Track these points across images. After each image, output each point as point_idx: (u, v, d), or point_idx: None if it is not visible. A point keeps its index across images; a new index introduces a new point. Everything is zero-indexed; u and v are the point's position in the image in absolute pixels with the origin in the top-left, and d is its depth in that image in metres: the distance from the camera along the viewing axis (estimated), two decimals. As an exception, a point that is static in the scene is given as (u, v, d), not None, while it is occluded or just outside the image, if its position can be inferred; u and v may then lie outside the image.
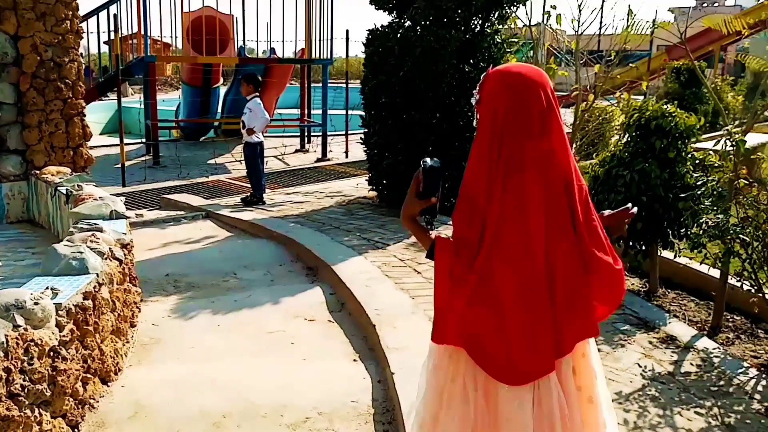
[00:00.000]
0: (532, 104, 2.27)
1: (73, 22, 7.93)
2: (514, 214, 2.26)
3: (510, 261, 2.27)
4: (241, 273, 6.83)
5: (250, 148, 9.82)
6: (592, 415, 2.53)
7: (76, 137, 8.06)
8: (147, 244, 7.82)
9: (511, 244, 2.27)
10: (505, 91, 2.28)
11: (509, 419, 2.33)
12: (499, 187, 2.26)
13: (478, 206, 2.30)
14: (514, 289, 2.28)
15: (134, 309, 5.54)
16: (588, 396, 2.52)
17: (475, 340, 2.35)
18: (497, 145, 2.28)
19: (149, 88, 13.78)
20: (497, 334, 2.31)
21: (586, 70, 13.51)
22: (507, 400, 2.34)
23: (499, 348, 2.32)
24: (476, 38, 8.61)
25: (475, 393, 2.39)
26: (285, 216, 8.77)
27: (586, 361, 2.52)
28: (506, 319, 2.29)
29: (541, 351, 2.31)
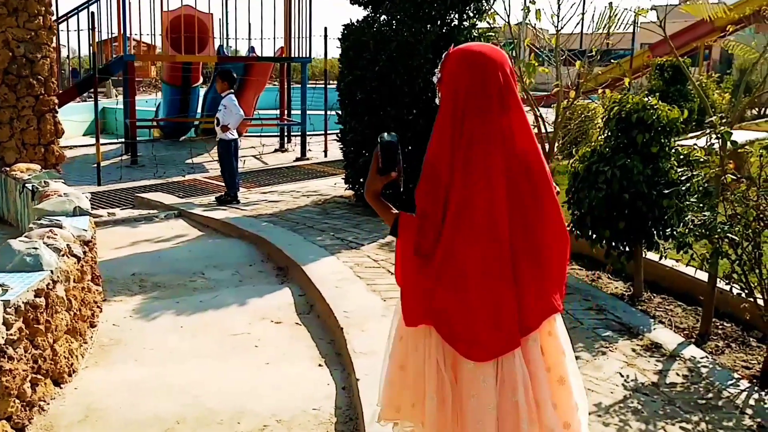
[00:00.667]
0: (492, 82, 2.27)
1: (46, 18, 7.53)
2: (476, 190, 2.25)
3: (473, 237, 2.26)
4: (210, 273, 6.46)
5: (224, 145, 9.43)
6: (564, 397, 2.47)
7: (48, 134, 7.64)
8: (116, 243, 7.44)
9: (475, 220, 2.26)
10: (465, 69, 2.29)
11: (473, 395, 2.32)
12: (461, 163, 2.26)
13: (441, 183, 2.29)
14: (478, 265, 2.27)
15: (94, 308, 5.16)
16: (559, 376, 2.46)
17: (442, 316, 2.33)
18: (459, 122, 2.28)
19: (128, 87, 13.38)
20: (462, 310, 2.30)
21: (567, 68, 13.28)
22: (472, 376, 2.32)
23: (463, 324, 2.30)
24: (452, 32, 8.27)
25: (444, 368, 2.37)
26: (259, 215, 8.39)
27: (553, 340, 2.47)
28: (471, 296, 2.28)
29: (504, 328, 2.29)
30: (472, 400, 2.32)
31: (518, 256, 2.30)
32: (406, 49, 8.04)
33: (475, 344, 2.30)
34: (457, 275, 2.28)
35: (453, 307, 2.31)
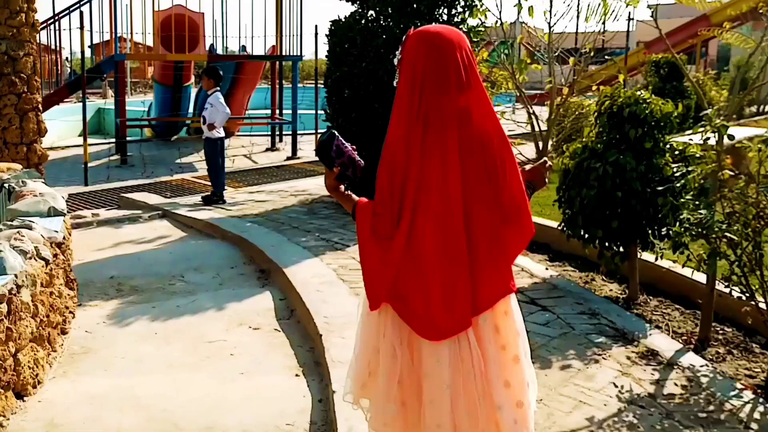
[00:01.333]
0: (449, 62, 2.27)
1: (28, 14, 7.18)
2: (432, 171, 2.26)
3: (430, 219, 2.27)
4: (189, 276, 6.14)
5: (210, 144, 9.10)
6: (518, 375, 2.45)
7: (31, 133, 7.30)
8: (98, 244, 7.12)
9: (431, 202, 2.27)
10: (423, 50, 2.28)
11: (428, 374, 2.33)
12: (417, 144, 2.26)
13: (399, 164, 2.29)
14: (435, 246, 2.28)
15: (66, 314, 4.85)
16: (514, 355, 2.46)
17: (400, 296, 2.35)
18: (416, 102, 2.27)
19: (118, 87, 13.07)
20: (419, 290, 2.32)
21: (561, 67, 12.96)
22: (427, 355, 2.33)
23: (420, 304, 2.32)
24: (442, 29, 7.95)
25: (401, 347, 2.38)
26: (244, 215, 8.07)
27: (508, 319, 2.46)
28: (427, 276, 2.30)
29: (458, 308, 2.30)
30: (427, 379, 2.34)
31: (474, 236, 2.31)
32: (393, 45, 7.72)
33: (430, 324, 2.32)
34: (416, 256, 2.30)
35: (411, 288, 2.33)
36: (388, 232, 2.32)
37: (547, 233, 6.75)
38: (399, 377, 2.39)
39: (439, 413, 2.32)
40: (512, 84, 11.81)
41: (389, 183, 2.31)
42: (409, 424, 2.44)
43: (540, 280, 5.66)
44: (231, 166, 12.69)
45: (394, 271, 2.34)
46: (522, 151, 11.73)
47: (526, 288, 5.45)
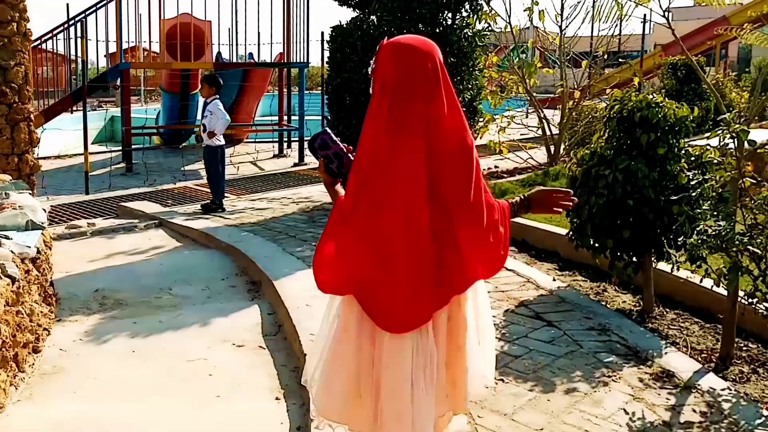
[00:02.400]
0: (418, 72, 2.31)
1: (20, 24, 6.81)
2: (398, 176, 2.29)
3: (396, 216, 2.30)
4: (178, 288, 5.76)
5: (210, 152, 8.73)
6: (458, 360, 2.53)
7: (22, 143, 6.91)
8: (90, 255, 6.76)
9: (397, 200, 2.30)
10: (392, 60, 2.34)
11: (388, 365, 2.35)
12: (385, 147, 2.30)
13: (366, 165, 2.34)
14: (400, 243, 2.31)
15: (40, 332, 4.47)
16: (457, 344, 2.51)
17: (365, 289, 2.38)
18: (386, 110, 2.31)
19: (124, 95, 12.80)
20: (383, 284, 2.35)
21: (573, 70, 12.54)
22: (388, 348, 2.36)
23: (384, 298, 2.35)
24: (445, 32, 7.56)
25: (361, 338, 2.40)
26: (241, 224, 7.69)
27: (460, 311, 2.51)
28: (392, 271, 2.33)
29: (421, 303, 2.35)
30: (387, 371, 2.36)
31: (438, 236, 2.35)
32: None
33: (392, 317, 2.35)
34: (381, 251, 2.33)
35: (376, 282, 2.36)
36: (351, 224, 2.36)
37: (557, 241, 6.34)
38: (358, 368, 2.41)
39: (400, 403, 2.34)
40: (522, 88, 11.47)
41: (356, 181, 2.36)
42: (361, 415, 2.45)
43: (546, 292, 5.23)
44: (236, 173, 12.38)
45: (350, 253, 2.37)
46: (534, 155, 11.42)
47: (531, 301, 5.03)
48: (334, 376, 2.44)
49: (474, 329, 2.57)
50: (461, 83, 7.63)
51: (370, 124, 2.35)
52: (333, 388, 2.45)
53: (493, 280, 5.44)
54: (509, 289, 5.29)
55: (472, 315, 2.56)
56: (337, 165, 2.52)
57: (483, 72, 9.94)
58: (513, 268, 5.78)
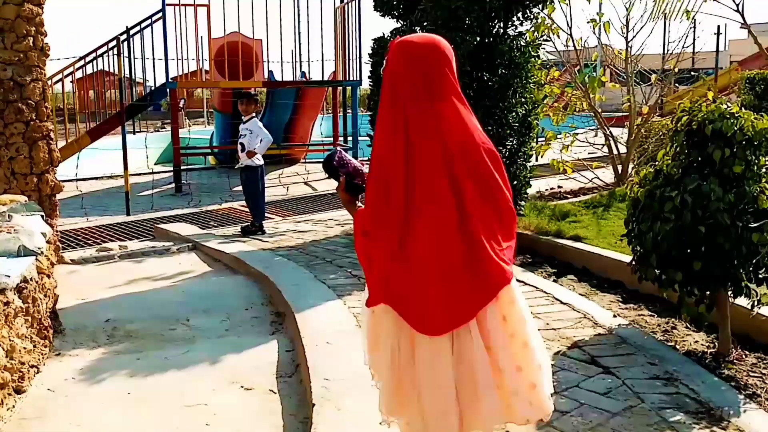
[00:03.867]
0: (426, 70, 2.29)
1: (37, 38, 6.49)
2: (420, 175, 2.26)
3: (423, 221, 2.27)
4: (196, 319, 5.26)
5: (250, 172, 8.28)
6: (528, 359, 2.45)
7: (41, 163, 6.56)
8: (112, 281, 6.35)
9: (423, 205, 2.27)
10: (403, 60, 2.31)
11: (428, 367, 2.34)
12: (402, 150, 2.26)
13: (384, 170, 2.30)
14: (429, 248, 2.28)
15: (25, 370, 4.01)
16: (522, 341, 2.45)
17: (398, 297, 2.35)
18: (398, 111, 2.28)
19: (173, 114, 12.60)
20: (416, 291, 2.32)
21: (642, 86, 11.72)
22: (426, 350, 2.34)
23: (417, 304, 2.32)
24: (495, 42, 6.94)
25: (401, 342, 2.38)
26: (278, 248, 7.20)
27: (515, 308, 2.45)
28: (423, 278, 2.30)
29: (456, 303, 2.31)
30: (427, 372, 2.34)
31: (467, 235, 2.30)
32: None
33: (427, 319, 2.32)
34: (411, 259, 2.30)
35: (408, 289, 2.32)
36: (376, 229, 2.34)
37: (620, 269, 5.64)
38: (400, 369, 2.40)
39: (443, 403, 2.33)
40: (587, 104, 10.73)
41: (374, 188, 2.32)
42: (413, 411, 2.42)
43: (605, 331, 4.53)
44: (286, 193, 11.99)
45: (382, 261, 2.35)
46: (600, 175, 10.66)
47: (586, 342, 4.34)
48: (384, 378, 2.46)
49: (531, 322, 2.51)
50: (513, 97, 6.99)
51: (385, 126, 2.31)
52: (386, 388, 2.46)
53: (544, 316, 4.79)
54: (562, 326, 4.61)
55: (526, 308, 2.50)
56: (361, 180, 2.51)
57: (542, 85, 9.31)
58: (568, 301, 5.10)
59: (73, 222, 9.47)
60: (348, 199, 2.54)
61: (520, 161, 7.17)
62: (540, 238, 7.15)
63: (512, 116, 7.04)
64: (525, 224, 7.56)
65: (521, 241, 7.46)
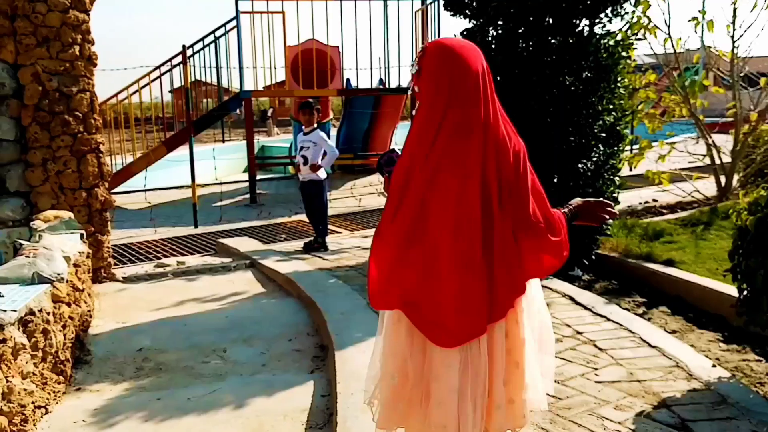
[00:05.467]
0: (470, 75, 2.23)
1: (83, 47, 6.22)
2: (452, 180, 2.20)
3: (446, 226, 2.21)
4: (234, 350, 4.75)
5: (313, 186, 7.78)
6: (516, 377, 2.43)
7: (90, 177, 6.24)
8: (157, 302, 5.93)
9: (448, 209, 2.20)
10: (447, 63, 2.24)
11: (438, 377, 2.30)
12: (439, 153, 2.20)
13: (413, 172, 2.23)
14: (449, 253, 2.21)
15: (28, 412, 3.55)
16: (515, 360, 2.43)
17: (413, 303, 2.29)
18: (441, 114, 2.21)
19: (248, 124, 12.31)
20: (432, 297, 2.26)
21: (749, 90, 10.62)
22: (438, 360, 2.30)
23: (432, 311, 2.27)
24: (581, 42, 6.18)
25: (412, 351, 2.33)
26: (336, 267, 6.64)
27: (518, 327, 2.41)
28: (441, 283, 2.24)
29: (473, 315, 2.26)
30: (435, 383, 2.30)
31: (490, 246, 2.25)
32: (514, 66, 6.09)
33: (442, 330, 2.27)
34: (429, 263, 2.23)
35: (424, 294, 2.27)
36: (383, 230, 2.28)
37: (722, 301, 4.91)
38: (409, 379, 2.33)
39: (446, 414, 2.29)
40: (686, 110, 9.75)
41: (399, 190, 2.25)
42: (414, 422, 2.37)
43: (701, 386, 3.73)
44: (358, 205, 11.47)
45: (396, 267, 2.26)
46: (700, 187, 9.65)
47: (677, 400, 3.56)
48: (386, 389, 2.38)
49: (531, 344, 2.47)
50: (599, 103, 6.21)
51: (426, 129, 2.23)
52: (386, 400, 2.39)
53: (627, 364, 4.05)
54: (649, 378, 3.84)
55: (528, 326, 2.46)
56: None
57: (635, 90, 8.44)
58: (658, 344, 4.31)
59: (141, 234, 9.22)
60: None
61: (606, 175, 6.37)
62: (628, 262, 6.35)
63: (598, 125, 6.26)
64: (612, 245, 6.75)
65: (607, 265, 6.72)
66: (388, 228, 2.26)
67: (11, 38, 5.91)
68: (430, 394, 2.31)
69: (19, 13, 5.90)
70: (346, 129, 14.93)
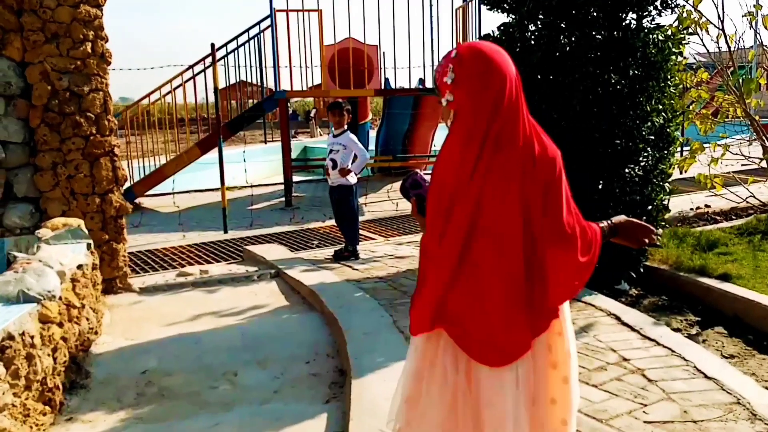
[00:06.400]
0: (511, 81, 2.12)
1: (96, 43, 5.84)
2: (494, 192, 2.10)
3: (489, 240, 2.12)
4: (246, 373, 4.34)
5: (343, 192, 7.35)
6: (564, 393, 2.31)
7: (104, 182, 5.89)
8: (172, 316, 5.55)
9: (490, 223, 2.11)
10: (490, 70, 2.09)
11: (491, 402, 2.14)
12: (483, 165, 2.07)
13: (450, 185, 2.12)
14: (493, 268, 2.12)
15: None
16: (563, 376, 2.31)
17: (456, 321, 2.18)
18: (485, 122, 2.09)
19: (282, 125, 11.98)
20: (478, 314, 2.15)
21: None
22: (487, 383, 2.16)
23: (479, 329, 2.15)
24: (627, 36, 5.62)
25: (456, 375, 2.19)
26: (366, 278, 6.20)
27: (561, 339, 2.30)
28: (486, 299, 2.13)
29: (519, 331, 2.15)
30: (489, 409, 2.14)
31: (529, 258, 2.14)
32: (554, 63, 5.57)
33: (490, 348, 2.14)
34: (473, 278, 2.13)
35: (468, 311, 2.15)
36: (434, 252, 2.16)
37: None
38: (452, 406, 2.18)
39: None
40: (740, 110, 9.11)
41: (437, 204, 2.16)
42: None
43: (766, 429, 3.22)
44: (396, 209, 11.02)
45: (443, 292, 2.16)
46: (756, 192, 9.00)
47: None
48: (422, 418, 2.22)
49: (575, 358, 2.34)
50: (648, 103, 5.65)
51: (463, 140, 2.10)
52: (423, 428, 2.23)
53: (681, 400, 3.55)
54: (705, 417, 3.33)
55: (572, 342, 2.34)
56: None
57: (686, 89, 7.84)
58: (715, 375, 3.79)
59: (169, 240, 8.92)
60: (422, 221, 2.36)
61: (656, 181, 5.81)
62: (679, 276, 5.78)
63: (646, 127, 5.70)
64: (662, 256, 6.20)
65: (658, 279, 6.16)
66: (438, 250, 2.14)
67: (18, 34, 5.58)
68: (484, 424, 2.15)
69: (25, 7, 5.56)
70: (385, 130, 14.49)
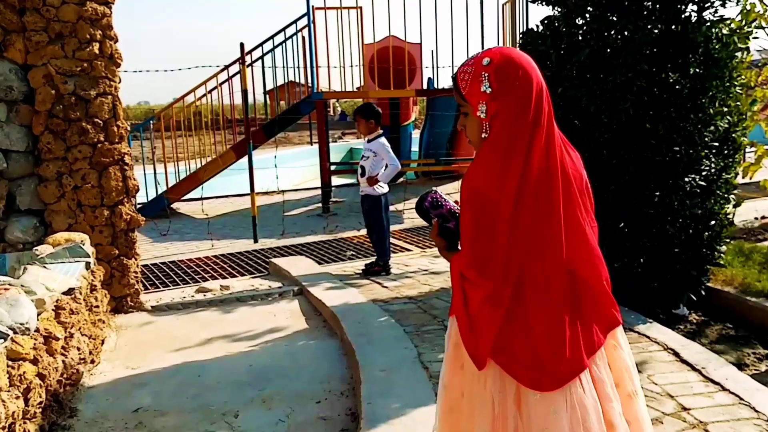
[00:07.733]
0: (546, 90, 2.01)
1: (104, 44, 5.39)
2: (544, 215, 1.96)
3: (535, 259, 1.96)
4: (247, 414, 3.80)
5: (372, 201, 6.75)
6: (636, 412, 2.14)
7: (113, 192, 5.44)
8: (181, 340, 5.07)
9: (536, 242, 1.96)
10: (527, 77, 1.95)
11: (545, 429, 1.96)
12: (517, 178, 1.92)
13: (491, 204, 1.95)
14: (538, 288, 1.97)
15: None
16: (627, 392, 2.14)
17: (502, 348, 1.99)
18: (527, 136, 1.94)
19: (320, 128, 11.48)
20: (524, 339, 1.99)
21: None
22: (540, 409, 1.98)
23: (527, 354, 1.99)
24: (687, 29, 4.93)
25: (506, 404, 2.00)
26: (395, 298, 5.63)
27: (618, 353, 2.14)
28: (532, 323, 1.97)
29: (569, 351, 1.97)
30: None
31: (576, 272, 2.01)
32: (604, 59, 4.92)
33: (539, 372, 1.97)
34: (517, 302, 1.96)
35: (514, 337, 1.98)
36: (478, 279, 1.98)
37: None
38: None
39: None
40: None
41: (475, 226, 1.98)
42: None
43: None
44: (435, 218, 10.42)
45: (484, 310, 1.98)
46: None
47: None
48: None
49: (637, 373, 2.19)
50: (710, 105, 4.95)
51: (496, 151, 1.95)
52: None
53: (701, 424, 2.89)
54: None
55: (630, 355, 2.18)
56: (455, 224, 2.20)
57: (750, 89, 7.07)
58: (738, 390, 3.18)
59: (198, 249, 8.50)
60: (443, 244, 2.22)
61: (720, 192, 5.10)
62: (746, 300, 5.07)
63: (709, 131, 5.01)
64: (726, 277, 5.48)
65: (721, 303, 5.43)
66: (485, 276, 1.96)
67: (20, 35, 5.15)
68: None
69: (28, 6, 5.13)
70: (428, 133, 13.88)
